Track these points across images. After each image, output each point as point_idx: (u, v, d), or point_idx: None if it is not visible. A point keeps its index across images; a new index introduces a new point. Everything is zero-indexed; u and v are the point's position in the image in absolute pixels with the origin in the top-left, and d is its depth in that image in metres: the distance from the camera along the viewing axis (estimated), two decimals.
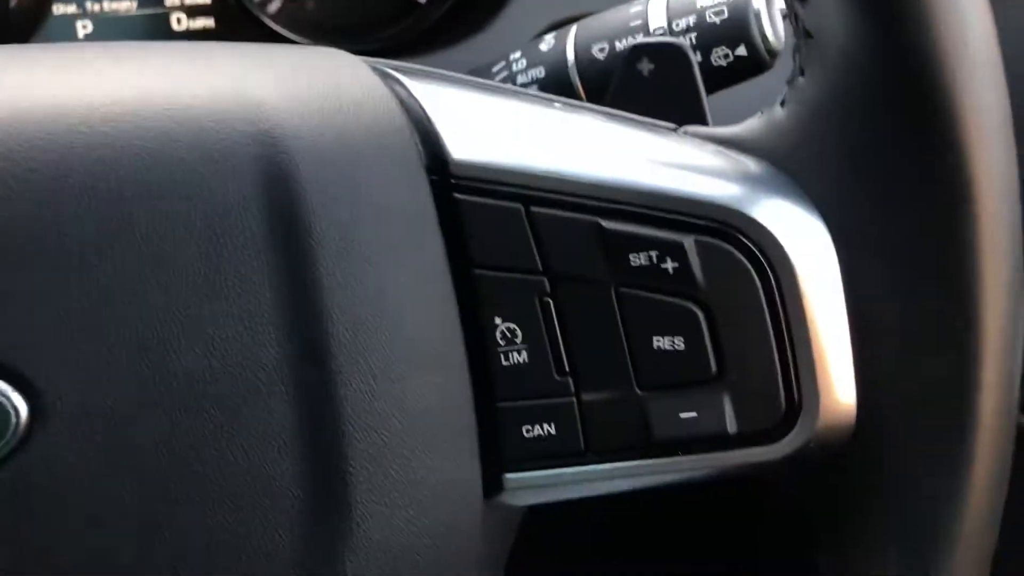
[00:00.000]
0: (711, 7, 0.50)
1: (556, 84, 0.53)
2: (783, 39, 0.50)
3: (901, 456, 0.36)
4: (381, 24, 0.72)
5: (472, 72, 0.56)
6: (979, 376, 0.34)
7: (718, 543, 0.63)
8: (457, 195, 0.35)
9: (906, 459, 0.36)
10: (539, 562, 0.46)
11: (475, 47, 0.70)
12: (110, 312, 0.31)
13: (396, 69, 0.38)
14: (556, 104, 0.39)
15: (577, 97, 0.52)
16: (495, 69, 0.56)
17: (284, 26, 0.72)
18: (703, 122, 0.43)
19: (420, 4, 0.71)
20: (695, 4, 0.51)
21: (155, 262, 0.32)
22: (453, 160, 0.35)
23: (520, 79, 0.54)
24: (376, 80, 0.37)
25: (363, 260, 0.33)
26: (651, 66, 0.43)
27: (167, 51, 0.38)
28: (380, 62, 0.39)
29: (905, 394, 0.36)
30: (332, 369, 0.33)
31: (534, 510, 0.39)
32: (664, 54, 0.43)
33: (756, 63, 0.49)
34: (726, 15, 0.50)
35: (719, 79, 0.49)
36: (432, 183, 0.35)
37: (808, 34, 0.35)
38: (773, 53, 0.50)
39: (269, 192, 0.33)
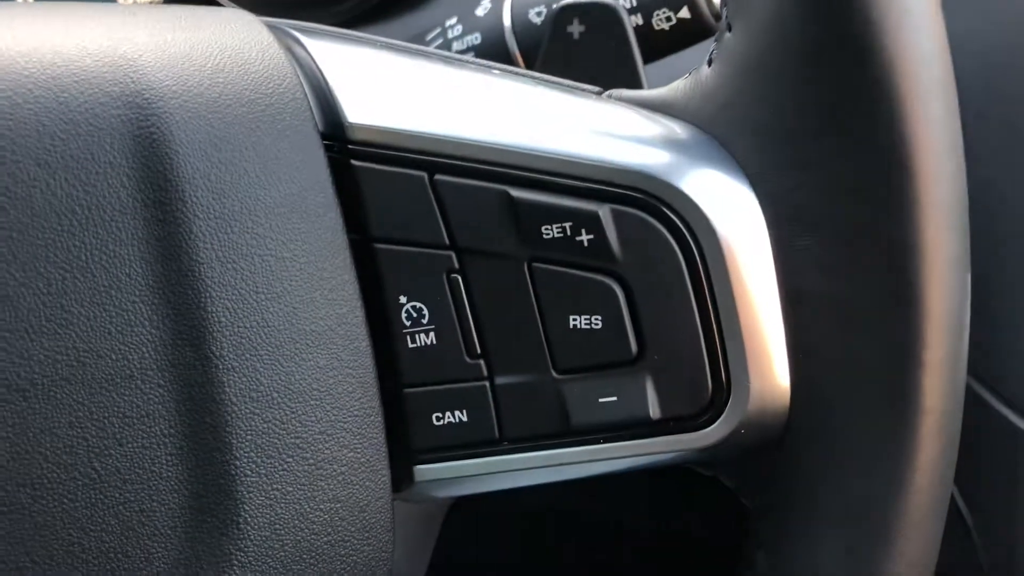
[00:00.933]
0: None
1: (493, 51, 0.50)
2: None
3: (839, 443, 0.33)
4: None
5: (407, 40, 0.53)
6: (922, 355, 0.31)
7: (654, 537, 0.61)
8: (355, 162, 0.33)
9: (844, 447, 0.33)
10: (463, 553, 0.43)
11: (435, 13, 0.67)
12: None
13: (297, 29, 0.36)
14: (470, 67, 0.37)
15: (515, 65, 0.50)
16: (429, 36, 0.53)
17: (237, 1, 0.69)
18: (637, 87, 0.40)
19: None
20: None
21: (10, 234, 0.29)
22: (350, 124, 0.33)
23: (456, 46, 0.51)
24: (269, 39, 0.34)
25: (246, 231, 0.31)
26: (582, 28, 0.40)
27: (43, 9, 0.35)
28: (280, 22, 0.36)
29: (842, 376, 0.33)
30: (211, 349, 0.30)
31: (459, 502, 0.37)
32: (595, 15, 0.40)
33: (701, 27, 0.47)
34: None
35: (662, 44, 0.46)
36: (328, 148, 0.32)
37: None
38: (719, 16, 0.47)
39: (138, 157, 0.30)
